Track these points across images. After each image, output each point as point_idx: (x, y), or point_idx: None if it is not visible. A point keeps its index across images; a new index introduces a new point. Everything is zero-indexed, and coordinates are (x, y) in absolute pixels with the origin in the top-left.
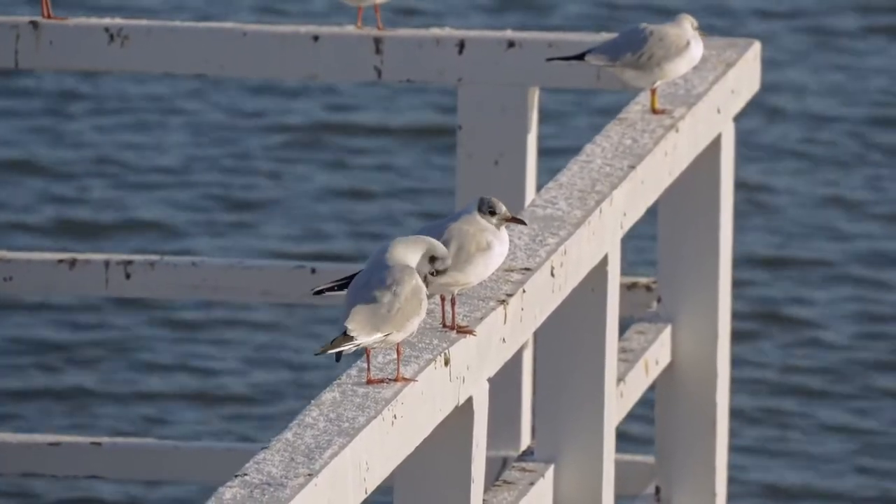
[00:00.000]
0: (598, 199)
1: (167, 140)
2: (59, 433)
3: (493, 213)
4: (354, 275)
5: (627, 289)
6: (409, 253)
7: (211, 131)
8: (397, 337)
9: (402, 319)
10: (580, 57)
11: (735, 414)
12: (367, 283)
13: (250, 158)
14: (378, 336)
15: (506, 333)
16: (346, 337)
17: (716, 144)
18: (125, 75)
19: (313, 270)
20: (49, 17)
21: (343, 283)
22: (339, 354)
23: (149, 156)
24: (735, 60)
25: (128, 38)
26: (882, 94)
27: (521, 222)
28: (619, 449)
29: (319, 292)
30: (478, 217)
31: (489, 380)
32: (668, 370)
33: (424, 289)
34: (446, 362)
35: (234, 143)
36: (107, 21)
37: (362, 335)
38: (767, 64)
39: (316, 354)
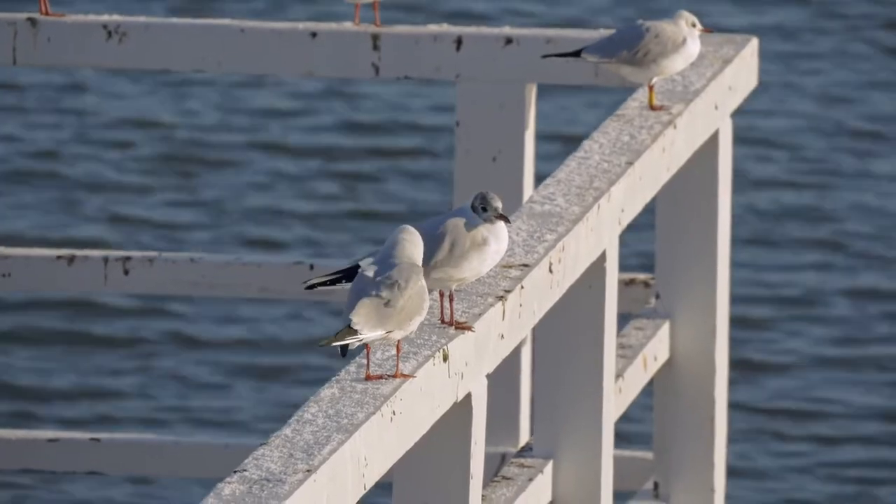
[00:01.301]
0: (595, 195)
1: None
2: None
3: (484, 209)
4: (347, 269)
5: (625, 285)
6: (414, 250)
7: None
8: (398, 335)
9: (405, 317)
10: (576, 53)
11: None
12: (374, 278)
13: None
14: (381, 332)
15: (504, 329)
16: (350, 330)
17: (713, 140)
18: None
19: (311, 266)
20: (47, 13)
21: (336, 278)
22: (344, 349)
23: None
24: (732, 57)
25: (125, 35)
26: None
27: (506, 220)
28: (617, 445)
29: (311, 287)
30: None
31: (488, 376)
32: (667, 366)
33: (427, 290)
34: (445, 358)
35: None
36: (104, 18)
37: (366, 329)
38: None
39: (320, 345)
